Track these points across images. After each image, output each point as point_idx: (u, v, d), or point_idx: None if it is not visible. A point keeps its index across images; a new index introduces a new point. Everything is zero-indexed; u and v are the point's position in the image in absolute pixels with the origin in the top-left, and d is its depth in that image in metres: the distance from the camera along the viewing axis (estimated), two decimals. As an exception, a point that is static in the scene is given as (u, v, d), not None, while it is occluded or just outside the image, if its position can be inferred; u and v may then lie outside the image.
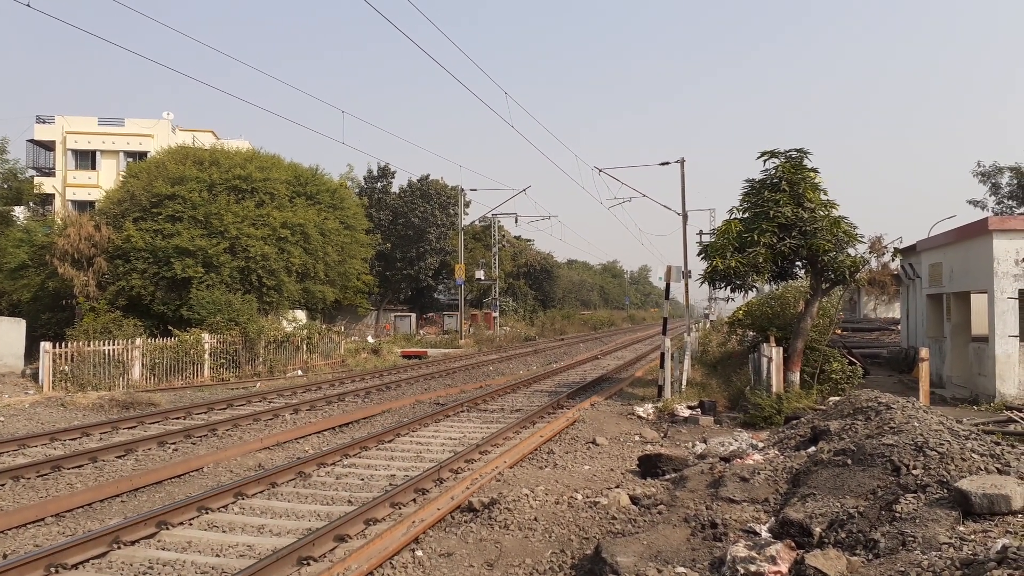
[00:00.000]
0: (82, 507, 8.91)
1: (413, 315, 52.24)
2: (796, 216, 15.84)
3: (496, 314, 52.25)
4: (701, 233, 50.94)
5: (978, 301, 17.90)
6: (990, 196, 36.27)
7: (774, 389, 15.46)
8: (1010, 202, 35.81)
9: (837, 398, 14.23)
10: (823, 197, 16.29)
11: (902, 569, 4.83)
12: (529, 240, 74.04)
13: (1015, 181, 35.57)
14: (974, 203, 36.69)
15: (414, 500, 9.10)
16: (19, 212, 38.65)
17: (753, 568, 5.59)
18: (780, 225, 15.91)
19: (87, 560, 6.99)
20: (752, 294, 20.49)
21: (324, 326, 32.48)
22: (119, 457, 11.82)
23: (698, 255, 18.00)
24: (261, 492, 9.50)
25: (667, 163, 29.35)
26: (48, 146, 48.91)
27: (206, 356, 24.21)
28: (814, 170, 16.45)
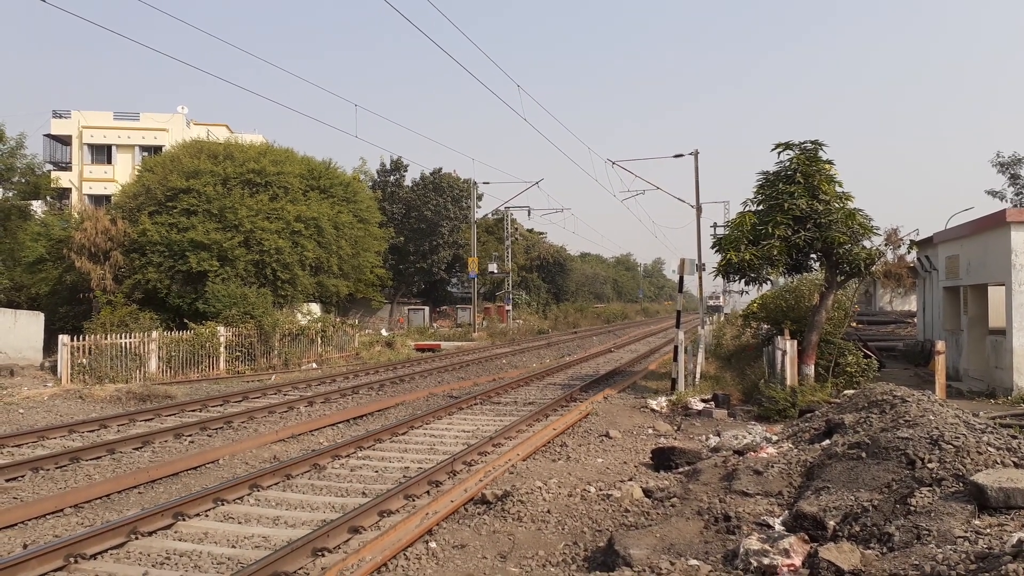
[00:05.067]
0: (100, 498, 9.01)
1: (426, 308, 52.40)
2: (811, 208, 15.73)
3: (509, 307, 52.27)
4: (716, 226, 50.63)
5: (995, 294, 17.72)
6: (1009, 187, 35.91)
7: (788, 382, 15.40)
8: (1029, 193, 35.43)
9: (852, 391, 14.12)
10: (838, 189, 16.17)
11: (916, 562, 4.81)
12: (542, 233, 73.98)
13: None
14: (992, 193, 36.35)
15: (428, 492, 9.15)
16: (37, 206, 39.01)
17: (766, 561, 5.58)
18: (795, 217, 15.81)
19: (105, 550, 7.07)
20: (767, 287, 20.39)
21: (338, 319, 32.63)
22: (136, 449, 11.94)
23: (712, 248, 17.93)
24: (276, 484, 9.57)
25: (681, 155, 29.14)
26: (64, 141, 49.29)
27: (221, 349, 24.38)
28: (829, 162, 16.32)
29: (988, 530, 5.21)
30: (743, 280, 17.08)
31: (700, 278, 27.45)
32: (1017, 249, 15.45)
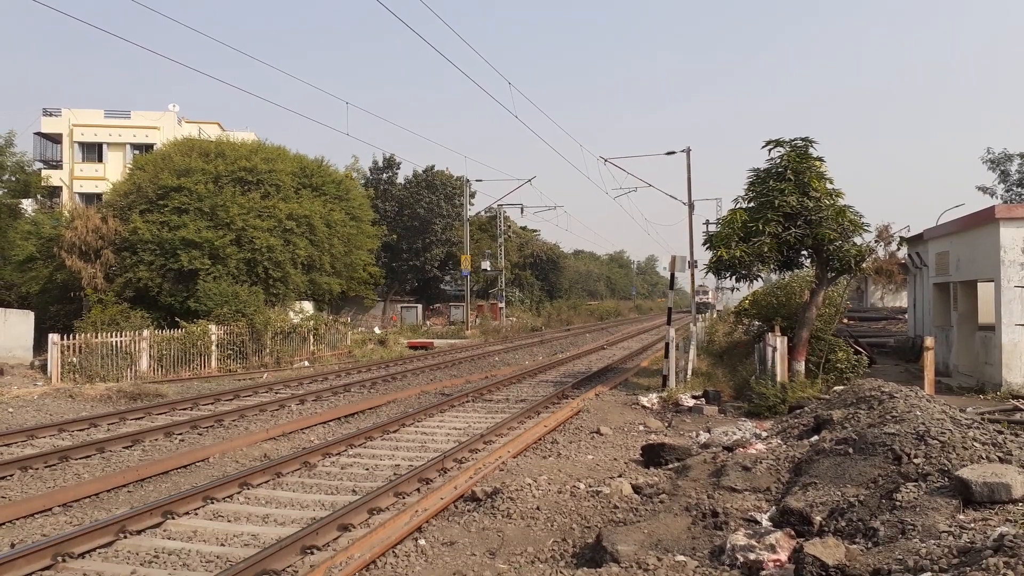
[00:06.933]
0: (89, 497, 8.99)
1: (419, 306, 52.37)
2: (801, 205, 15.78)
3: (502, 305, 52.30)
4: (707, 223, 50.79)
5: (985, 290, 17.82)
6: (999, 183, 36.08)
7: (779, 378, 15.45)
8: (1019, 189, 35.60)
9: (841, 387, 14.20)
10: (828, 186, 16.22)
11: (900, 557, 4.84)
12: (535, 230, 73.97)
13: (1025, 168, 35.35)
14: (983, 189, 36.52)
15: (418, 490, 9.16)
16: (27, 205, 38.84)
17: (752, 556, 5.61)
18: (785, 214, 15.85)
19: (94, 549, 7.06)
20: (758, 284, 20.42)
21: (331, 317, 32.58)
22: (126, 448, 11.91)
23: (703, 244, 17.96)
24: (266, 482, 9.57)
25: (673, 152, 29.13)
26: (55, 139, 49.02)
27: (213, 347, 24.32)
28: (819, 159, 16.36)
29: (972, 524, 5.24)
30: (734, 277, 17.13)
31: (692, 275, 27.48)
32: (1006, 245, 15.54)
